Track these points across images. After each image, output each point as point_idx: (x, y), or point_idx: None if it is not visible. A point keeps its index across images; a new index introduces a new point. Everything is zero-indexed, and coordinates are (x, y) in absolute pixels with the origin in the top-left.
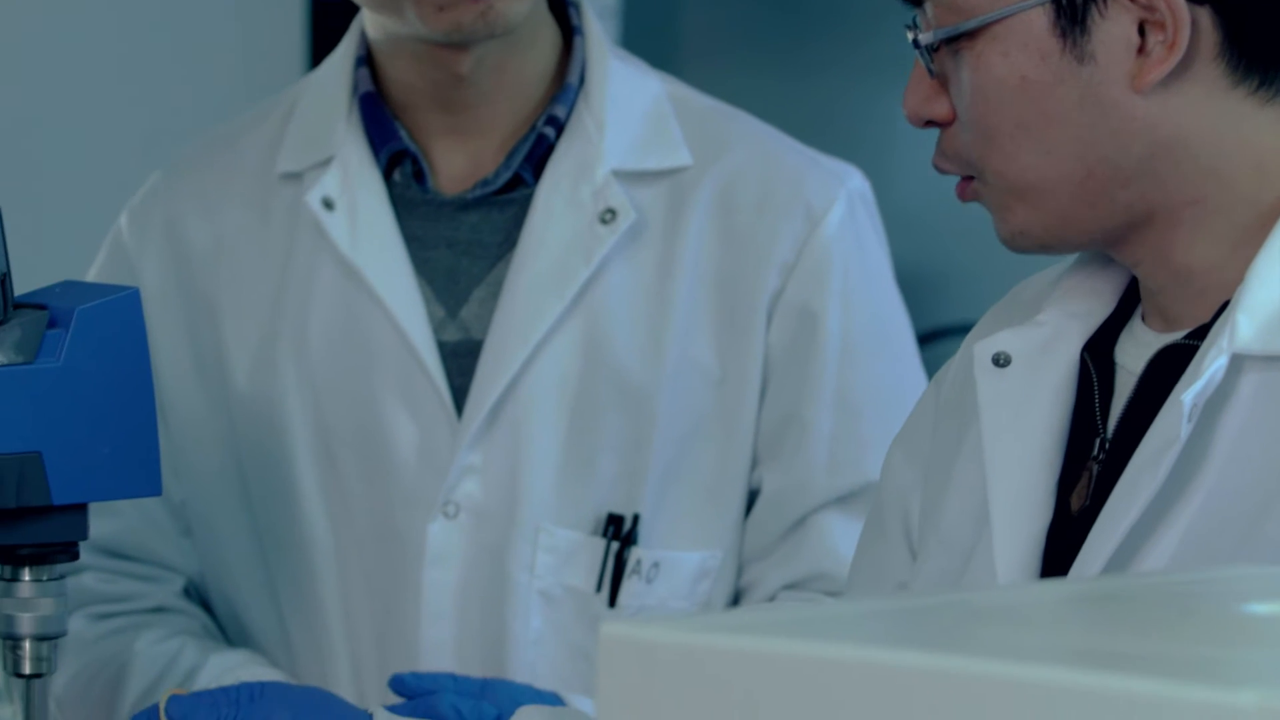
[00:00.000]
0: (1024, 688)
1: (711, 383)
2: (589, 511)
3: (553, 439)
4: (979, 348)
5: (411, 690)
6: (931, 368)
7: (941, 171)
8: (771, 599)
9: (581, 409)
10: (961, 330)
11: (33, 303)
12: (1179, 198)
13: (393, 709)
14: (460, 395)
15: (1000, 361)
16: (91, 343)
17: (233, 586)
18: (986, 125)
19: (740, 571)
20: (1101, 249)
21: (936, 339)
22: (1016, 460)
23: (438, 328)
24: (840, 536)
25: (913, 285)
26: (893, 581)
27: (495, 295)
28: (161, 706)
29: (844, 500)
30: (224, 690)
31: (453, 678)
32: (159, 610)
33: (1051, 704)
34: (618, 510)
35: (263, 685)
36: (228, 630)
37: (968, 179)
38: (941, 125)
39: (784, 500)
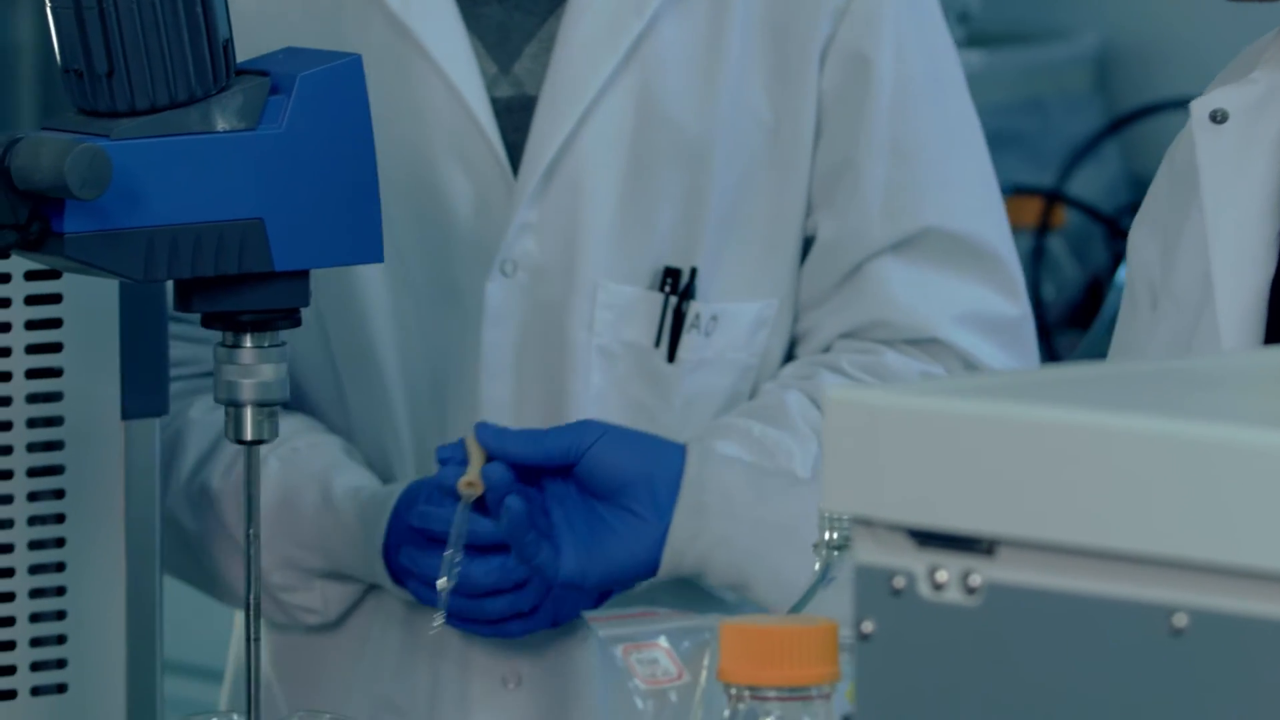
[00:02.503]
0: (1245, 452)
1: (765, 131)
2: (646, 266)
3: (610, 194)
4: (1196, 105)
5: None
6: (1142, 143)
7: None
8: (828, 347)
9: (638, 162)
10: (1176, 104)
11: (255, 69)
12: None
13: None
14: (514, 152)
15: (1218, 118)
16: (314, 109)
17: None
18: None
19: (796, 319)
20: None
21: (1151, 114)
22: (1236, 215)
23: (490, 84)
24: (897, 283)
25: (1124, 60)
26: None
27: (548, 50)
28: (472, 436)
29: (900, 246)
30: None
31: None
32: (211, 375)
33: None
34: (675, 264)
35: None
36: None
37: None
38: None
39: (840, 247)
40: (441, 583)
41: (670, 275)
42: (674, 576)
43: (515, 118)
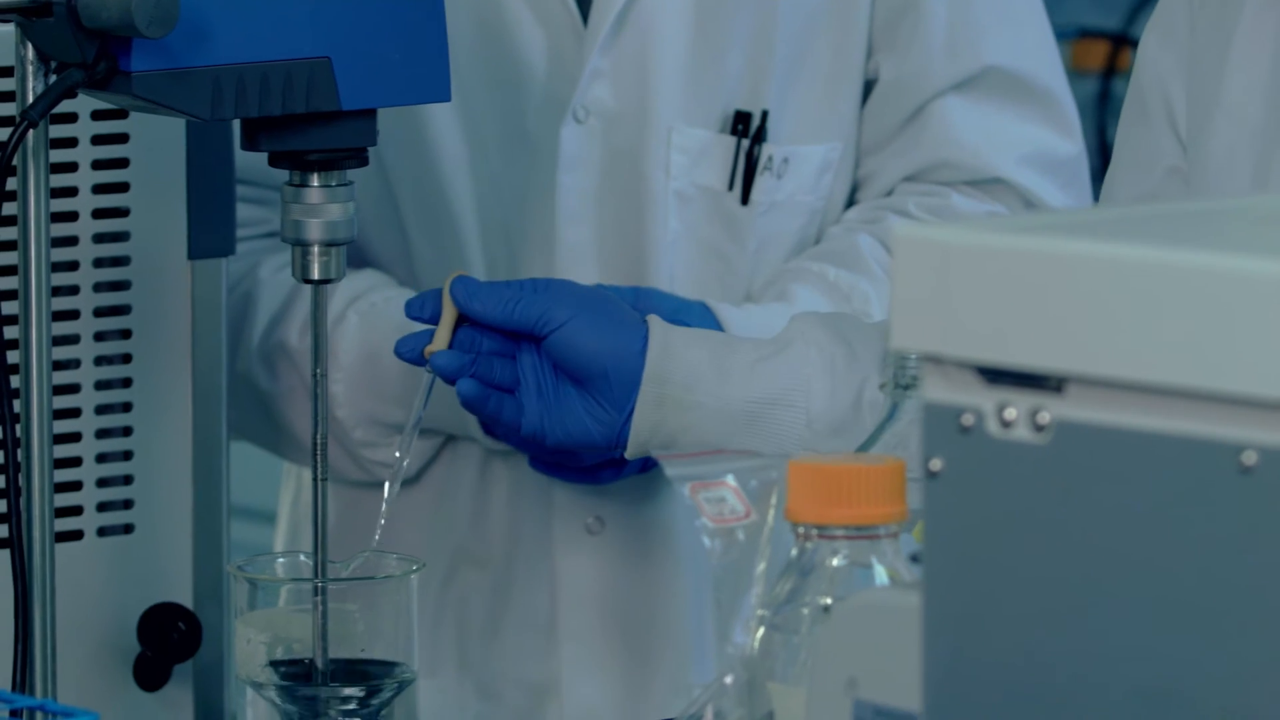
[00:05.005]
0: None
1: None
2: (717, 110)
3: (679, 39)
4: None
5: None
6: None
7: None
8: (890, 191)
9: (706, 6)
10: None
11: None
12: None
13: None
14: (581, 1)
15: None
16: None
17: None
18: None
19: (858, 164)
20: None
21: None
22: None
23: None
24: (961, 123)
25: None
26: (1160, 166)
27: None
28: (447, 286)
29: (963, 86)
30: (508, 284)
31: (602, 287)
32: (276, 235)
33: None
34: (744, 107)
35: (548, 281)
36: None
37: None
38: None
39: (902, 89)
40: (397, 455)
41: (740, 119)
42: (644, 455)
43: None
